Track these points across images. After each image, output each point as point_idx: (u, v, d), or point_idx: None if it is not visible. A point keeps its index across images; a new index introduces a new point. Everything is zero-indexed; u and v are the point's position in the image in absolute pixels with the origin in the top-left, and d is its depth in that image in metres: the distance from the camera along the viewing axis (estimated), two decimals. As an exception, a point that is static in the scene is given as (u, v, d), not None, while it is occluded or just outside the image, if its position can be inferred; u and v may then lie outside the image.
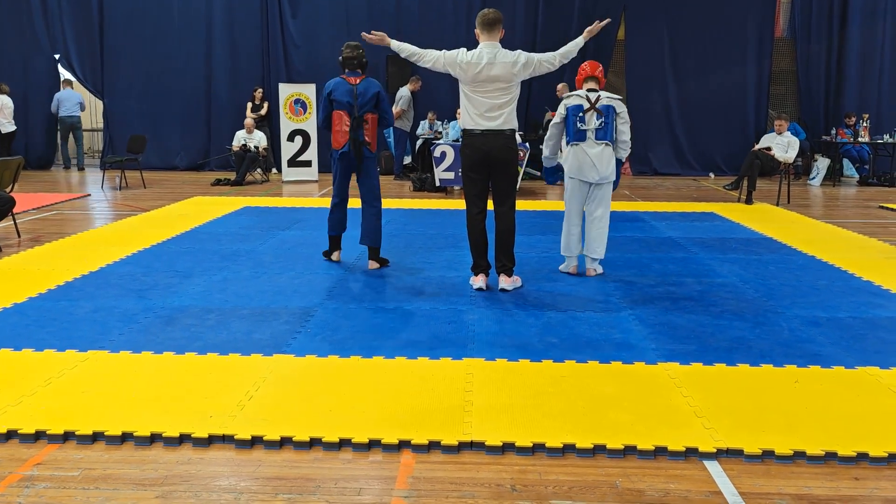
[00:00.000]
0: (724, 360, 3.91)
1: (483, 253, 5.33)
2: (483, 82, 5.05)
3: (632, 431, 3.08)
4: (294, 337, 4.23)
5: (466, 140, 5.18)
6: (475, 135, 5.12)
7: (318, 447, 2.99)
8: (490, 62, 5.02)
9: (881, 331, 4.44)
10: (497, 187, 5.23)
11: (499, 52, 5.06)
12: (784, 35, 14.30)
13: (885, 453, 2.92)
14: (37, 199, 9.77)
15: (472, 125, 5.13)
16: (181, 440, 3.01)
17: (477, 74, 5.03)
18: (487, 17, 5.12)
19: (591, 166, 5.57)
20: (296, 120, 12.36)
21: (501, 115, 5.08)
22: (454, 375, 3.68)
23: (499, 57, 5.04)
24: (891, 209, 9.71)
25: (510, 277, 5.30)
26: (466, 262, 6.07)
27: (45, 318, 4.53)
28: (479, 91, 5.08)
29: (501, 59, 5.04)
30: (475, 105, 5.10)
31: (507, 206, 5.23)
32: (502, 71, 5.02)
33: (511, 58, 5.07)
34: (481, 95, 5.07)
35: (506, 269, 5.29)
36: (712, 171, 14.08)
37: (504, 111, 5.09)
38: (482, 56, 5.04)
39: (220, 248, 6.66)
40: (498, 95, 5.06)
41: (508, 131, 5.12)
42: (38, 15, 13.93)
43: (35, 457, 2.90)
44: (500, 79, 5.03)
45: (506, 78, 5.04)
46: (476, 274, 5.36)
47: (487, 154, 5.10)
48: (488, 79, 5.03)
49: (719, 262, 6.29)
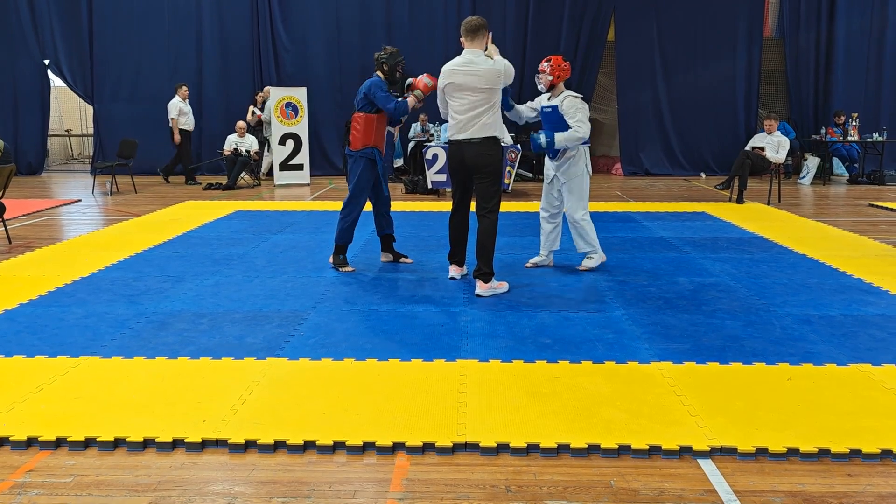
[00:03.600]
0: (717, 359, 3.92)
1: (456, 244, 5.55)
2: (461, 90, 5.08)
3: (626, 431, 3.08)
4: (287, 340, 4.22)
5: (448, 147, 5.30)
6: (452, 142, 5.22)
7: (311, 450, 2.98)
8: (469, 70, 5.04)
9: (872, 328, 4.46)
10: (477, 192, 5.27)
11: (478, 60, 5.06)
12: (773, 35, 14.38)
13: (878, 450, 2.93)
14: (27, 204, 9.72)
15: (451, 132, 5.22)
16: (174, 445, 3.00)
17: (459, 84, 5.06)
18: (471, 24, 5.13)
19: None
20: (287, 123, 12.34)
21: (476, 124, 5.09)
22: (448, 377, 3.67)
23: (477, 64, 5.05)
24: (880, 207, 9.77)
25: (486, 283, 5.17)
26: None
27: (37, 325, 4.50)
28: (456, 98, 5.13)
29: (480, 66, 5.04)
30: (453, 112, 5.18)
31: (486, 210, 5.20)
32: (478, 79, 5.03)
33: (488, 66, 5.05)
34: (458, 102, 5.12)
35: (481, 275, 5.19)
36: (703, 171, 14.14)
37: (480, 120, 5.08)
38: (466, 63, 5.07)
39: (212, 252, 6.64)
40: (474, 103, 5.07)
41: (483, 139, 5.11)
42: (27, 20, 13.88)
43: (27, 463, 2.88)
44: (476, 87, 5.04)
45: (482, 85, 5.04)
46: (451, 264, 5.61)
47: (462, 161, 5.18)
48: (465, 86, 5.05)
49: (711, 261, 6.31)
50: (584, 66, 13.77)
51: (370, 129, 5.76)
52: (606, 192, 11.52)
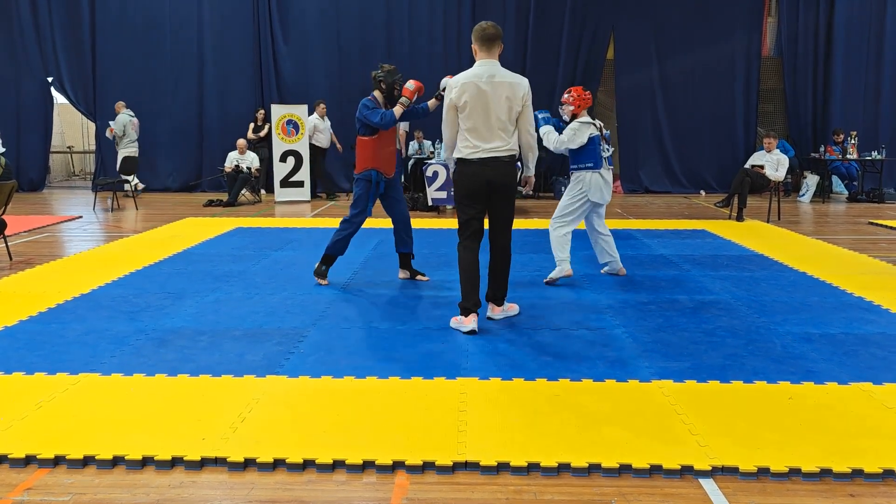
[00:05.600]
0: (718, 377, 3.92)
1: (475, 286, 4.74)
2: (484, 103, 4.58)
3: (627, 450, 3.07)
4: (287, 358, 4.21)
5: (461, 168, 4.73)
6: (471, 162, 4.67)
7: (311, 469, 2.97)
8: (494, 81, 4.58)
9: (873, 346, 4.45)
10: (495, 217, 4.82)
11: (499, 72, 4.63)
12: (771, 53, 14.48)
13: (881, 469, 2.92)
14: (28, 221, 9.73)
15: (467, 151, 4.67)
16: (173, 463, 2.98)
17: (480, 97, 4.57)
18: (486, 33, 4.65)
19: (607, 189, 6.25)
20: (288, 141, 12.39)
21: (501, 140, 4.63)
22: (448, 395, 3.66)
23: (500, 76, 4.61)
24: (880, 225, 9.78)
25: (499, 307, 5.01)
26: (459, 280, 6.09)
27: (36, 342, 4.49)
28: (478, 114, 4.60)
29: (504, 79, 4.62)
30: (472, 128, 4.63)
31: (505, 236, 4.86)
32: (506, 91, 4.60)
33: (512, 79, 4.65)
34: (480, 118, 4.60)
35: (497, 298, 4.99)
36: (703, 189, 14.17)
37: (505, 136, 4.64)
38: (482, 75, 4.60)
39: (212, 269, 6.64)
40: (500, 117, 4.60)
41: (509, 158, 4.70)
42: (30, 38, 13.98)
43: (25, 481, 2.86)
44: (501, 100, 4.59)
45: (509, 97, 4.60)
46: (467, 315, 4.71)
47: (486, 183, 4.66)
48: (489, 99, 4.57)
49: (711, 278, 6.31)
50: (583, 85, 13.82)
51: (366, 151, 5.83)
52: (606, 209, 11.49)
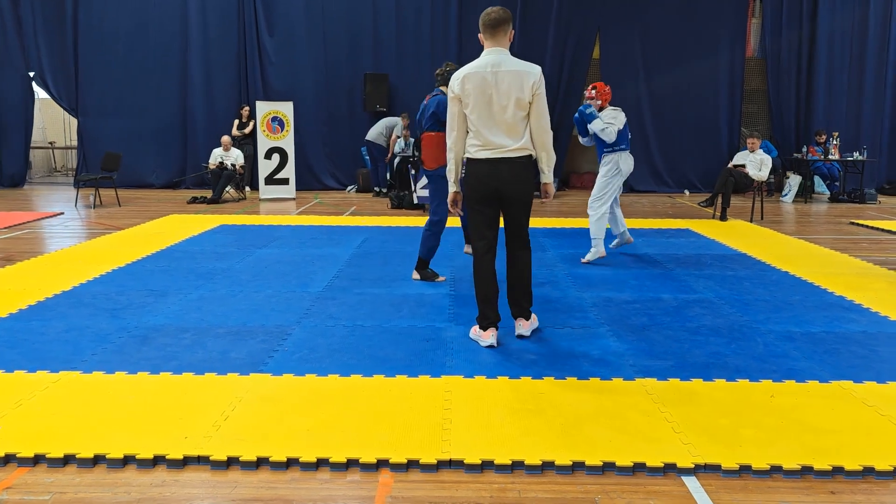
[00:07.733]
0: (701, 376, 3.94)
1: (491, 301, 4.41)
2: (493, 96, 4.17)
3: (610, 448, 3.08)
4: (271, 356, 4.19)
5: (469, 168, 4.34)
6: (478, 162, 4.28)
7: (295, 467, 2.95)
8: (502, 71, 4.16)
9: (854, 345, 4.50)
10: (510, 223, 4.44)
11: (506, 60, 4.20)
12: (755, 55, 14.58)
13: (861, 467, 2.94)
14: (9, 217, 9.63)
15: (473, 150, 4.28)
16: (155, 462, 2.96)
17: (488, 89, 4.16)
18: (491, 18, 4.21)
19: (631, 161, 7.12)
20: (273, 137, 12.34)
21: (514, 137, 4.21)
22: (432, 393, 3.66)
23: (506, 66, 4.17)
24: (861, 225, 9.88)
25: (528, 321, 4.58)
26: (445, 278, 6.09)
27: (16, 339, 4.44)
28: (487, 107, 4.19)
29: (511, 68, 4.17)
30: (482, 123, 4.21)
31: (522, 242, 4.49)
32: (513, 82, 4.16)
33: (524, 67, 4.19)
34: (488, 112, 4.19)
35: (524, 312, 4.55)
36: (687, 189, 14.26)
37: (519, 133, 4.21)
38: (486, 65, 4.19)
39: (195, 266, 6.60)
40: (512, 111, 4.17)
41: (524, 158, 4.25)
42: (12, 32, 13.81)
43: (4, 480, 2.83)
44: (512, 91, 4.15)
45: (520, 87, 4.15)
46: (485, 328, 4.41)
47: (497, 186, 4.26)
48: (499, 91, 4.15)
49: (695, 278, 6.35)
50: (568, 84, 13.88)
51: (441, 145, 5.46)
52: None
